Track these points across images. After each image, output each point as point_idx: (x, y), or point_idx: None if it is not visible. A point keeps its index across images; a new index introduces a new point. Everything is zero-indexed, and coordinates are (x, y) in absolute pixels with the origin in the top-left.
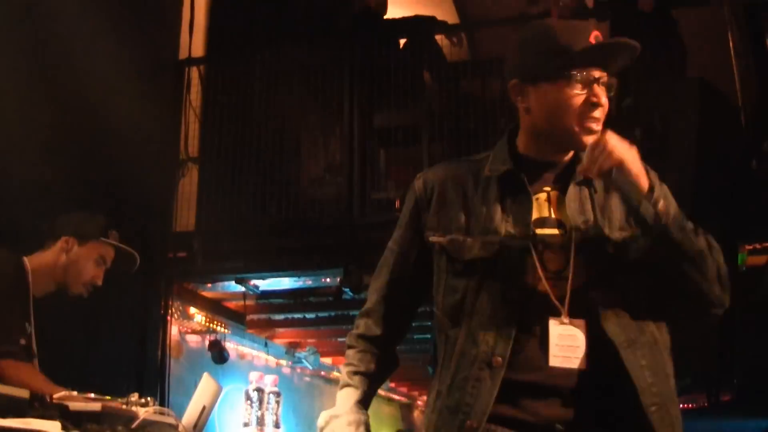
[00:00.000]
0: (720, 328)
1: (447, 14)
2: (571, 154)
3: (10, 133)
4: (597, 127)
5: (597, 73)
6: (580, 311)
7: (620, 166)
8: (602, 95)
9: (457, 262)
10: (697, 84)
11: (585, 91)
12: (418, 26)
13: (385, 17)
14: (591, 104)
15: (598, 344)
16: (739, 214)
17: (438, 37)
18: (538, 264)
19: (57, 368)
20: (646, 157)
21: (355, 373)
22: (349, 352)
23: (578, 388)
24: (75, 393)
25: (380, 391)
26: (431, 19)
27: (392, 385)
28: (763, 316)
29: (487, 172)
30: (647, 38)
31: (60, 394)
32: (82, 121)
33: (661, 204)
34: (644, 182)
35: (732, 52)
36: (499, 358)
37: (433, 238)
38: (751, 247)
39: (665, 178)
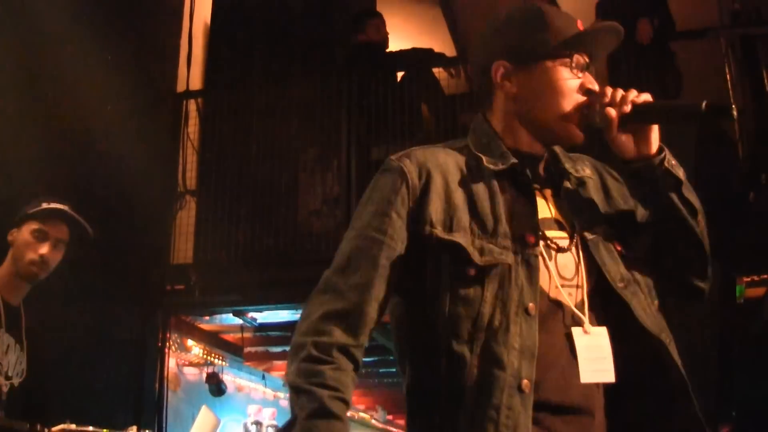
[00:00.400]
0: (718, 360)
1: (445, 47)
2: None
3: (6, 166)
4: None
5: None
6: (597, 318)
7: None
8: (595, 82)
9: (467, 266)
10: None
11: (581, 76)
12: (416, 59)
13: (386, 49)
14: (587, 90)
15: (633, 345)
16: (737, 247)
17: (436, 70)
18: (555, 270)
19: (55, 400)
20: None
21: (341, 399)
22: (324, 368)
23: (610, 403)
24: (73, 426)
25: (377, 424)
26: (429, 52)
27: (390, 417)
28: (761, 347)
29: (488, 165)
30: (645, 70)
31: (58, 427)
32: (80, 154)
33: (672, 160)
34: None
35: (729, 83)
36: (527, 381)
37: (438, 234)
38: (749, 279)
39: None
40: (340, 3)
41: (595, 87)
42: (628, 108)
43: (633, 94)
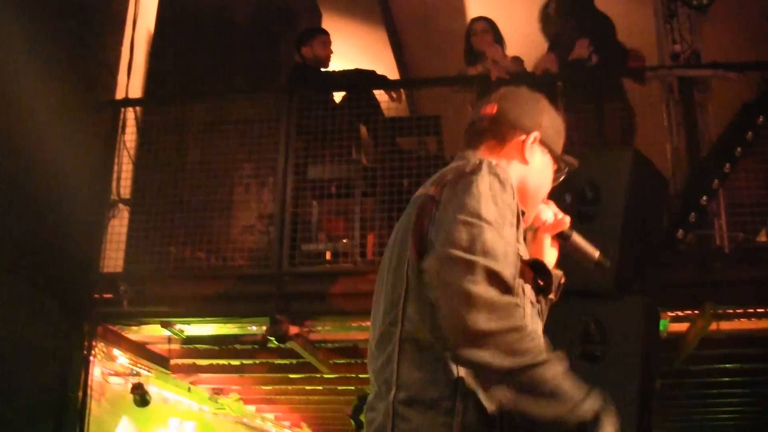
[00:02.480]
0: (639, 394)
1: (388, 69)
2: None
3: None
4: None
5: None
6: None
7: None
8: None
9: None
10: (631, 153)
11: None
12: (358, 80)
13: (327, 68)
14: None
15: None
16: (663, 282)
17: (377, 92)
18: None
19: None
20: (575, 222)
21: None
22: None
23: None
24: None
25: None
26: (371, 74)
27: None
28: (683, 382)
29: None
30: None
31: None
32: (10, 157)
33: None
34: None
35: (665, 123)
36: None
37: (525, 258)
38: (673, 314)
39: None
40: (286, 22)
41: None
42: (565, 226)
43: (567, 221)
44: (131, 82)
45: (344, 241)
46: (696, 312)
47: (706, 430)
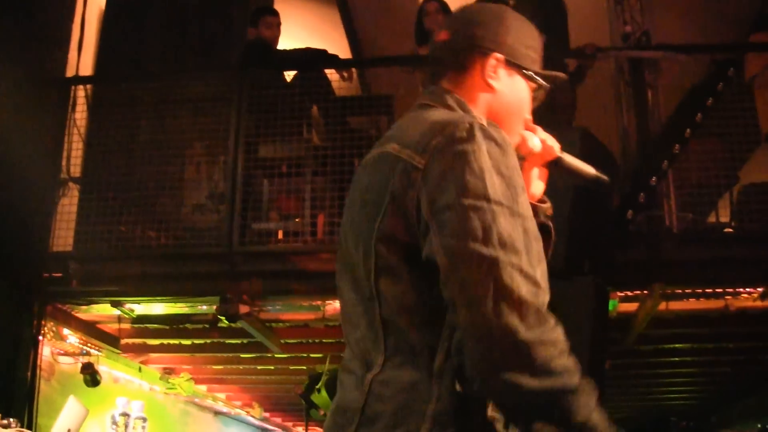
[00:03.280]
0: (589, 374)
1: (340, 48)
2: None
3: None
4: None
5: None
6: None
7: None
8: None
9: None
10: (579, 133)
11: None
12: (309, 59)
13: (277, 48)
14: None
15: None
16: (612, 263)
17: (328, 71)
18: None
19: None
20: None
21: None
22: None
23: None
24: None
25: (254, 421)
26: (322, 53)
27: (266, 414)
28: (633, 361)
29: None
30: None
31: None
32: None
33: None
34: None
35: (615, 104)
36: None
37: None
38: (622, 294)
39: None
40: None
41: (531, 117)
42: (555, 153)
43: (557, 146)
44: (82, 59)
45: (296, 220)
46: (645, 292)
47: (656, 410)
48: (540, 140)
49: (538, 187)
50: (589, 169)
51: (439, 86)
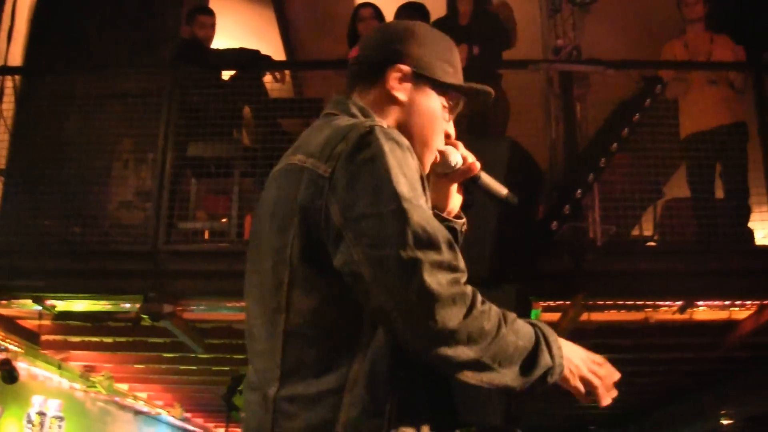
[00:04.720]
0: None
1: (274, 50)
2: None
3: None
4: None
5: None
6: None
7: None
8: (451, 130)
9: None
10: (507, 143)
11: (448, 120)
12: (242, 59)
13: (210, 47)
14: (447, 135)
15: None
16: (536, 273)
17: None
18: None
19: None
20: None
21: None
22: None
23: None
24: None
25: (175, 422)
26: (256, 53)
27: (187, 415)
28: None
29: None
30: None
31: None
32: None
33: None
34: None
35: (544, 117)
36: None
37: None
38: (545, 304)
39: (468, 231)
40: None
41: (450, 134)
42: (476, 170)
43: (478, 164)
44: (11, 49)
45: (223, 221)
46: (568, 302)
47: (576, 420)
48: (462, 156)
49: (456, 201)
50: (502, 189)
51: (346, 97)
